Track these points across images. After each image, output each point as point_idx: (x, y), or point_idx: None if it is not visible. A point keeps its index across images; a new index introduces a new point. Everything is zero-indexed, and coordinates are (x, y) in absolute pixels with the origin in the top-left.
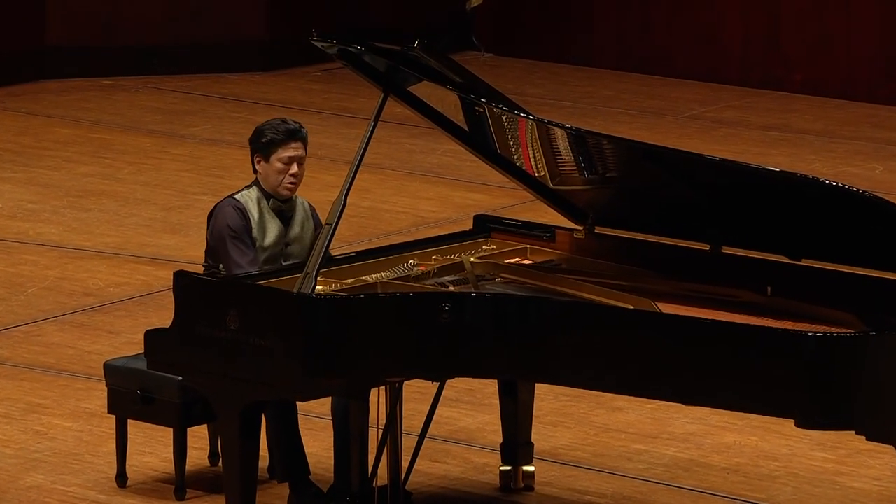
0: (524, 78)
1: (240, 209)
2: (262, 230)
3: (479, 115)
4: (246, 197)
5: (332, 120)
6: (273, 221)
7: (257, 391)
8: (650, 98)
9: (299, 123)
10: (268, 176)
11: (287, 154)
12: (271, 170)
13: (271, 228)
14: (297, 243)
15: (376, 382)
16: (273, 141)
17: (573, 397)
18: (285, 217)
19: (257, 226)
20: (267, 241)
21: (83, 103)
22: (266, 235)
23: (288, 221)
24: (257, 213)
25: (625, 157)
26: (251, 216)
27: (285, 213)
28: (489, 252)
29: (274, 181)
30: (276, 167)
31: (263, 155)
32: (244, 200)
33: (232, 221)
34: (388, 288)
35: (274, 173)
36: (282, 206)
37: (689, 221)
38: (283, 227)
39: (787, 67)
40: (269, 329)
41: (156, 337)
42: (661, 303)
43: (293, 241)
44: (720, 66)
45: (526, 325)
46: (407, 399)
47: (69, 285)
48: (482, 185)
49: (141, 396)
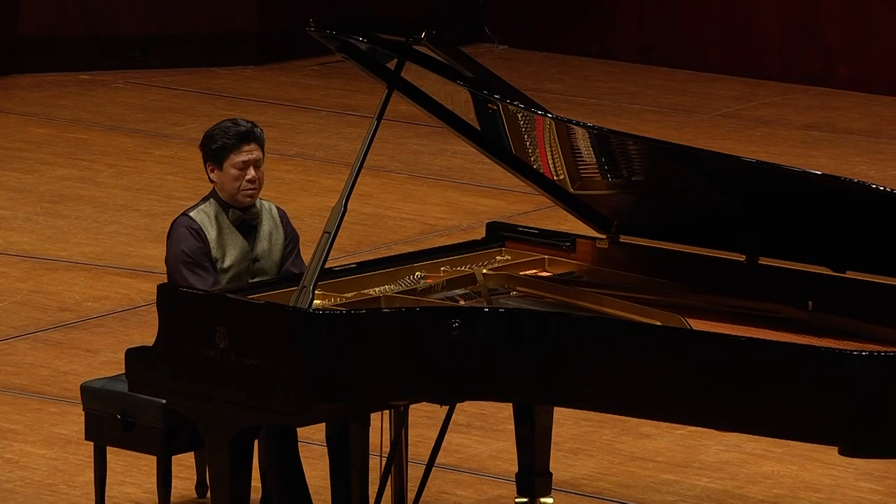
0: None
1: (195, 230)
2: (222, 249)
3: (492, 113)
4: (202, 214)
5: (332, 118)
6: (234, 237)
7: (249, 415)
8: (679, 94)
9: (251, 123)
10: (224, 184)
11: (241, 158)
12: (226, 177)
13: (233, 245)
14: (266, 258)
15: (380, 406)
16: (224, 146)
17: (595, 422)
18: (249, 229)
19: (216, 245)
20: (228, 260)
21: (58, 100)
22: (227, 254)
23: (253, 235)
24: (215, 231)
25: (652, 159)
26: (207, 235)
27: (248, 224)
28: (503, 263)
29: (231, 189)
30: (231, 174)
31: (216, 162)
32: (199, 219)
33: (186, 245)
34: (393, 302)
35: (230, 181)
36: (244, 217)
37: (723, 229)
38: (247, 243)
39: (830, 60)
40: (263, 347)
41: (138, 356)
42: (692, 319)
43: (261, 256)
44: (756, 58)
45: (544, 344)
46: (413, 424)
47: (43, 299)
48: (495, 190)
49: (121, 421)
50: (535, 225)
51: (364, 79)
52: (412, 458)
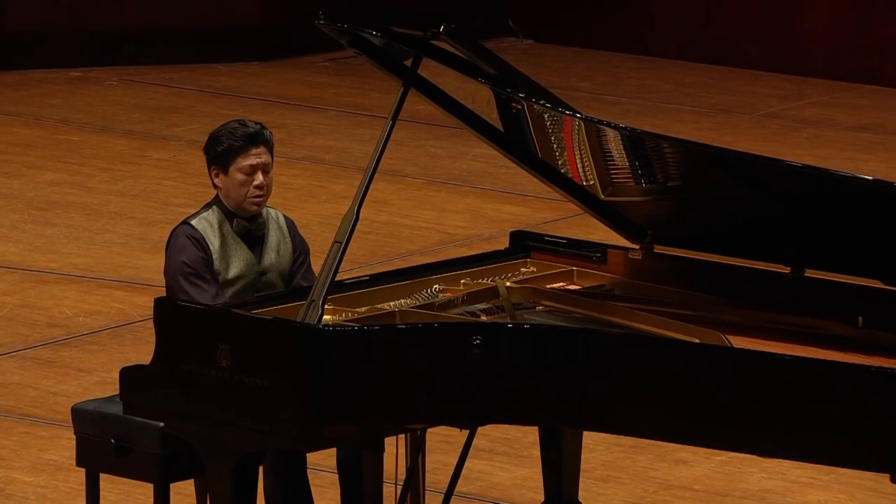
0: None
1: (196, 239)
2: (226, 260)
3: (516, 113)
4: (204, 222)
5: (343, 118)
6: (239, 248)
7: (253, 440)
8: (719, 93)
9: (260, 124)
10: (229, 191)
11: (248, 162)
12: (232, 183)
13: (237, 257)
14: (273, 271)
15: (395, 430)
16: (231, 149)
17: (628, 448)
18: (255, 240)
19: (219, 256)
20: (232, 272)
21: (47, 99)
22: (231, 266)
23: (259, 246)
24: (218, 241)
25: (689, 163)
26: (210, 246)
27: (254, 234)
28: (528, 275)
29: (237, 196)
30: (237, 179)
31: (221, 167)
32: (202, 227)
33: (187, 255)
34: (409, 318)
35: (236, 187)
36: (249, 227)
37: (766, 239)
38: (253, 255)
39: (881, 57)
40: (268, 366)
41: (133, 376)
42: (733, 336)
43: (269, 269)
44: (802, 55)
45: (572, 362)
46: (431, 450)
47: (31, 314)
48: (520, 197)
49: (115, 446)
50: (562, 234)
51: (378, 76)
52: (430, 487)
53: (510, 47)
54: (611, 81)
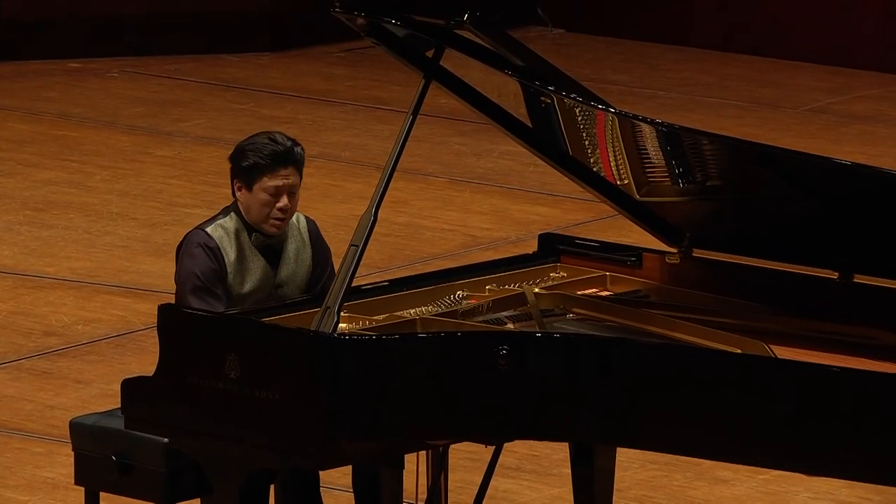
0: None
1: (211, 249)
2: (241, 274)
3: (545, 108)
4: (221, 230)
5: (360, 113)
6: (256, 260)
7: (264, 457)
8: (763, 86)
9: (293, 141)
10: (250, 207)
11: (274, 184)
12: (255, 201)
13: (253, 270)
14: (290, 284)
15: (415, 446)
16: (256, 166)
17: (665, 465)
18: (273, 253)
19: (234, 270)
20: (248, 286)
21: (44, 91)
22: (246, 280)
23: (276, 259)
24: (234, 252)
25: (731, 161)
26: (226, 257)
27: (273, 248)
28: (558, 281)
29: (257, 215)
30: (260, 199)
31: (244, 182)
32: (218, 236)
33: (200, 267)
34: (431, 326)
35: (258, 206)
36: (269, 241)
37: (812, 242)
38: (271, 267)
39: None
40: (280, 378)
41: (136, 388)
42: (776, 346)
43: (286, 281)
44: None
45: (605, 374)
46: (454, 467)
47: (26, 322)
48: (549, 197)
49: (117, 463)
50: (594, 237)
51: (397, 67)
52: None
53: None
54: (647, 74)
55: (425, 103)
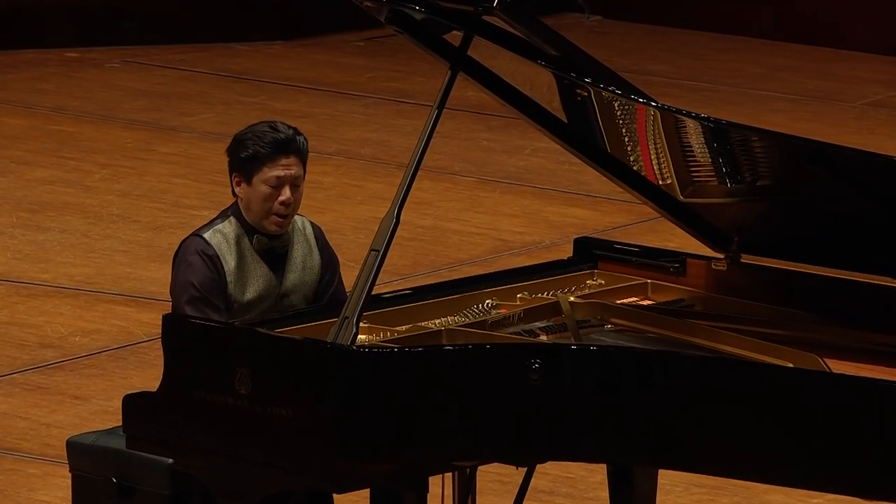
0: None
1: (209, 257)
2: (242, 283)
3: (581, 101)
4: (219, 236)
5: (381, 107)
6: (258, 267)
7: (276, 479)
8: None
9: (294, 129)
10: (250, 203)
11: (275, 174)
12: (255, 195)
13: (255, 277)
14: (297, 292)
15: (440, 467)
16: (256, 156)
17: (711, 489)
18: (277, 258)
19: (234, 278)
20: (249, 294)
21: (39, 83)
22: (248, 289)
23: (281, 265)
24: (234, 259)
25: (782, 160)
26: (225, 265)
27: (276, 252)
28: (595, 289)
29: (258, 211)
30: (260, 192)
31: (244, 175)
32: (216, 242)
33: (197, 276)
34: (457, 338)
35: (258, 200)
36: (272, 245)
37: (870, 247)
38: (274, 275)
39: None
40: (294, 394)
41: (138, 404)
42: (831, 359)
43: (292, 290)
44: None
45: (646, 390)
46: (482, 491)
47: (20, 333)
48: (586, 198)
49: (117, 486)
50: (635, 241)
51: (421, 58)
52: None
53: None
54: (692, 64)
55: (452, 96)
